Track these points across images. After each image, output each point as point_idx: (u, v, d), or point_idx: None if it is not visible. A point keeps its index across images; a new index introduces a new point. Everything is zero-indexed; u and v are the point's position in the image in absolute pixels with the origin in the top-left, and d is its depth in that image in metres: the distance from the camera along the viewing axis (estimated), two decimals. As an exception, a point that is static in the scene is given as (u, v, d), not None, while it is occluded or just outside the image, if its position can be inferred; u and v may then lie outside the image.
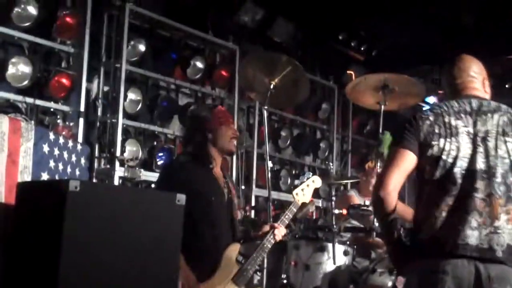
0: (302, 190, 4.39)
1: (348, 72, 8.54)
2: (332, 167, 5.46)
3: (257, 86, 5.20)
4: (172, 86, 7.08)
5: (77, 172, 5.16)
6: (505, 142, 3.12)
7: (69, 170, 5.06)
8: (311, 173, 4.61)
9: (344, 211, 5.16)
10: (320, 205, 8.03)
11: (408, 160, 3.17)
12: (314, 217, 7.60)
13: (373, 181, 5.41)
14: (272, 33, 7.74)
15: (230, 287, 3.92)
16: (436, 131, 3.17)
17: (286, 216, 4.26)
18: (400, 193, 3.20)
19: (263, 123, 5.13)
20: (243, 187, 7.41)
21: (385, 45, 8.62)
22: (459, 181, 3.07)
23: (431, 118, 3.20)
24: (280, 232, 4.18)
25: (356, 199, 5.86)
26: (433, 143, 3.15)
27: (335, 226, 4.96)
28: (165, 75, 6.90)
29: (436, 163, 3.12)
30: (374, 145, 6.22)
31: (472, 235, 3.00)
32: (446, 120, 3.19)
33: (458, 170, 3.08)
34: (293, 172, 8.36)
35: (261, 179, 7.61)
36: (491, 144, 3.11)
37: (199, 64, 7.10)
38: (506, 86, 9.29)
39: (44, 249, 2.53)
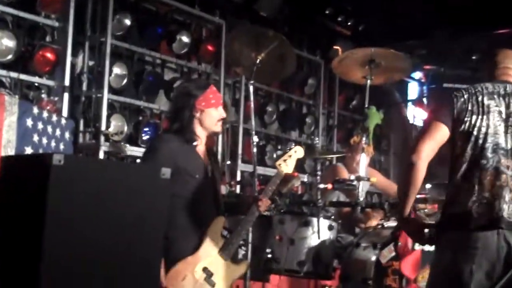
0: (285, 160, 4.38)
1: (334, 47, 8.51)
2: (317, 142, 5.45)
3: (243, 61, 5.19)
4: (158, 61, 7.04)
5: (61, 146, 5.15)
6: None
7: (53, 144, 5.05)
8: (294, 144, 4.63)
9: (330, 186, 5.18)
10: (306, 180, 8.05)
11: (441, 133, 3.35)
12: (300, 192, 7.67)
13: (358, 156, 5.43)
14: (259, 8, 7.69)
15: (216, 260, 3.94)
16: (469, 108, 3.34)
17: (270, 188, 4.27)
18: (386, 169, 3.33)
19: (249, 98, 5.12)
20: (228, 162, 7.40)
21: (371, 20, 8.60)
22: (490, 156, 3.28)
23: (465, 96, 3.37)
24: (264, 203, 4.21)
25: (345, 171, 5.87)
26: (466, 119, 3.33)
27: (320, 201, 4.97)
28: (151, 50, 6.85)
29: (467, 139, 3.32)
30: (359, 120, 6.21)
31: (505, 209, 3.20)
32: (480, 99, 3.37)
33: (490, 146, 3.30)
34: (279, 147, 8.35)
35: (247, 154, 7.61)
36: None
37: (185, 39, 7.05)
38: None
39: (27, 223, 2.52)
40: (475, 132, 3.31)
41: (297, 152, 4.44)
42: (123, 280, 2.67)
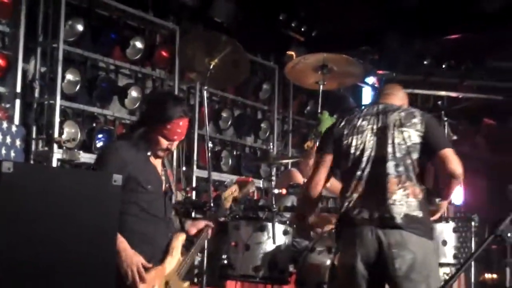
0: (228, 195, 4.49)
1: (288, 52, 8.56)
2: (272, 147, 5.47)
3: (197, 66, 5.18)
4: (112, 67, 6.99)
5: (12, 154, 5.08)
6: (402, 132, 3.88)
7: (3, 151, 4.99)
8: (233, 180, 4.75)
9: (284, 191, 5.20)
10: (261, 185, 8.06)
11: (326, 159, 4.09)
12: (255, 197, 7.67)
13: (312, 161, 5.46)
14: (213, 13, 7.69)
15: (175, 277, 3.91)
16: (345, 132, 4.01)
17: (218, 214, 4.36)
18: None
19: (204, 104, 5.11)
20: (184, 168, 7.38)
21: (325, 26, 8.67)
22: (363, 166, 3.89)
23: (343, 123, 4.07)
24: (210, 232, 4.34)
25: (300, 176, 5.89)
26: (344, 141, 4.00)
27: (275, 206, 4.99)
28: (104, 56, 6.80)
29: (347, 156, 3.96)
30: (314, 125, 6.26)
31: (374, 207, 3.78)
32: (354, 122, 4.03)
33: (364, 159, 3.90)
34: (234, 152, 8.37)
35: (202, 160, 7.60)
36: (389, 134, 3.89)
37: (139, 44, 7.02)
38: (443, 65, 9.46)
39: (-24, 232, 2.48)
40: (352, 150, 3.95)
41: (236, 191, 4.54)
42: (77, 285, 2.64)
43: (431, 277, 3.75)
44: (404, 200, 3.77)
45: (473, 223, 6.13)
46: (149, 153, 3.93)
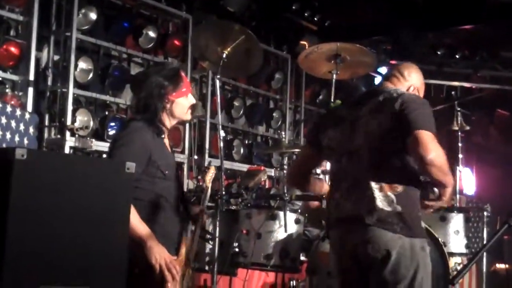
0: (210, 178, 4.42)
1: (301, 42, 8.55)
2: (284, 136, 5.47)
3: (209, 56, 5.18)
4: (124, 56, 7.00)
5: (25, 141, 5.10)
6: (374, 118, 3.47)
7: (17, 139, 5.01)
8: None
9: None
10: (273, 174, 8.07)
11: (306, 150, 3.94)
12: (267, 186, 7.69)
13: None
14: (226, 3, 7.69)
15: (186, 266, 3.91)
16: (326, 122, 3.75)
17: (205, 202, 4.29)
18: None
19: (216, 93, 5.11)
20: (196, 156, 7.40)
21: (338, 15, 8.64)
22: (339, 160, 3.59)
23: (326, 111, 3.90)
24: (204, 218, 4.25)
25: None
26: (324, 133, 3.69)
27: (286, 195, 5.00)
28: (117, 44, 6.80)
29: (327, 151, 3.68)
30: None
31: (347, 206, 3.49)
32: (337, 112, 3.79)
33: (339, 152, 3.59)
34: (246, 142, 8.37)
35: (214, 149, 7.61)
36: (363, 122, 3.50)
37: (152, 33, 7.02)
38: (456, 56, 9.42)
39: (-10, 218, 2.50)
40: (331, 144, 3.64)
41: (214, 172, 4.49)
42: (89, 274, 2.66)
43: (409, 278, 3.36)
44: (377, 194, 3.40)
45: (485, 213, 6.13)
46: (163, 136, 3.91)
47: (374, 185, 3.41)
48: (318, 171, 5.18)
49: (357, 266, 3.48)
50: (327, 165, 4.96)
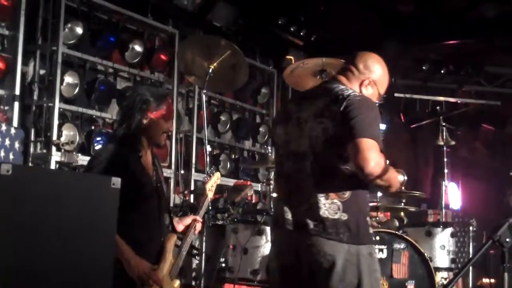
0: (212, 186, 4.41)
1: (287, 57, 8.58)
2: (270, 151, 5.48)
3: (196, 70, 5.20)
4: (110, 70, 6.99)
5: (11, 156, 5.08)
6: (319, 123, 3.26)
7: (2, 154, 4.99)
8: (214, 168, 4.67)
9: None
10: (259, 189, 8.07)
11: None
12: (254, 201, 7.68)
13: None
14: (212, 17, 7.71)
15: (167, 279, 3.88)
16: (277, 119, 3.61)
17: (202, 211, 4.27)
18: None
19: (202, 108, 5.12)
20: (182, 171, 7.38)
21: (324, 30, 8.69)
22: (284, 162, 3.39)
23: (280, 109, 3.50)
24: (199, 226, 4.22)
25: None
26: (275, 130, 3.51)
27: (273, 210, 4.99)
28: (103, 59, 6.80)
29: (276, 148, 3.49)
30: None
31: (290, 211, 3.31)
32: (287, 107, 3.55)
33: (285, 153, 3.39)
34: (233, 156, 8.37)
35: (200, 164, 7.60)
36: (308, 125, 3.31)
37: (138, 48, 7.03)
38: (442, 71, 9.48)
39: (-25, 234, 2.48)
40: (278, 141, 3.46)
41: (219, 178, 4.47)
42: (74, 290, 2.65)
43: (356, 285, 3.23)
44: (322, 202, 3.24)
45: (471, 228, 6.15)
46: (140, 154, 3.90)
47: (319, 193, 3.25)
48: None
49: (300, 271, 3.33)
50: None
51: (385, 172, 3.21)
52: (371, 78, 3.47)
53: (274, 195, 4.00)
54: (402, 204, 6.23)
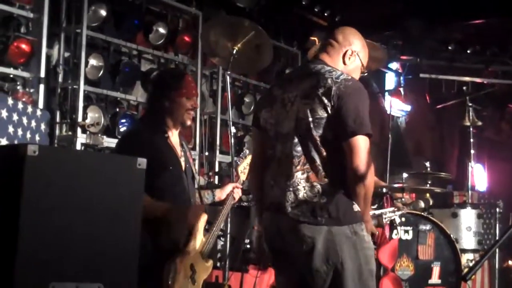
0: (245, 168, 4.43)
1: (311, 38, 8.52)
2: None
3: (220, 52, 5.17)
4: (134, 52, 6.99)
5: (37, 138, 5.12)
6: (305, 104, 3.25)
7: (28, 135, 5.02)
8: (248, 151, 4.67)
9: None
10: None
11: (256, 135, 3.57)
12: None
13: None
14: (236, -1, 7.69)
15: (198, 258, 3.91)
16: (262, 102, 3.57)
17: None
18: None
19: (226, 89, 5.11)
20: (206, 153, 7.39)
21: (348, 10, 8.62)
22: (274, 145, 3.37)
23: (266, 92, 3.59)
24: (239, 192, 4.34)
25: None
26: (260, 114, 3.48)
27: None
28: (127, 41, 6.80)
29: (263, 133, 3.44)
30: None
31: (272, 194, 3.33)
32: (271, 90, 3.53)
33: (272, 135, 3.38)
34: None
35: (224, 145, 7.60)
36: (294, 106, 3.29)
37: (162, 30, 7.02)
38: (468, 51, 9.38)
39: (1, 215, 2.50)
40: (266, 125, 3.42)
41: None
42: (100, 270, 2.66)
43: (341, 264, 3.20)
44: (302, 185, 3.22)
45: (497, 209, 6.10)
46: (166, 135, 3.95)
47: (300, 175, 3.23)
48: None
49: (286, 253, 3.33)
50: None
51: (371, 184, 3.25)
52: (352, 48, 3.46)
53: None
54: (428, 185, 6.18)
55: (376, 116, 9.43)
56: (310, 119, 3.21)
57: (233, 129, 4.98)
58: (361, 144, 3.17)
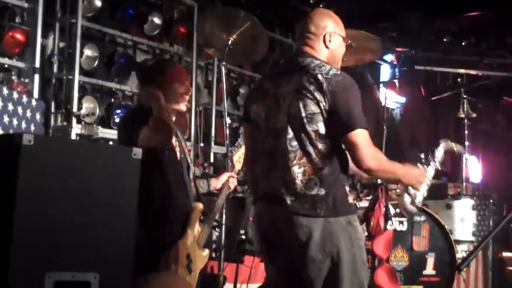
0: (240, 157, 4.44)
1: (307, 29, 8.50)
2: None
3: (215, 43, 5.18)
4: (130, 43, 6.99)
5: (32, 128, 5.11)
6: (298, 99, 3.28)
7: (23, 125, 5.01)
8: (242, 141, 4.67)
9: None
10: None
11: (247, 129, 3.62)
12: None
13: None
14: (231, -11, 7.66)
15: (194, 247, 3.90)
16: (254, 96, 3.58)
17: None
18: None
19: (222, 80, 5.11)
20: (201, 144, 7.39)
21: (343, 2, 8.60)
22: (264, 138, 3.41)
23: (256, 85, 3.61)
24: (234, 182, 4.34)
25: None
26: (250, 108, 3.51)
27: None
28: (122, 31, 6.79)
29: (255, 126, 3.46)
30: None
31: (268, 187, 3.35)
32: (262, 83, 3.59)
33: (263, 129, 3.41)
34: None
35: (220, 137, 7.61)
36: (287, 102, 3.32)
37: (157, 20, 7.01)
38: (463, 43, 9.38)
39: (-2, 203, 2.50)
40: (257, 119, 3.44)
41: None
42: (96, 260, 2.67)
43: (337, 253, 3.24)
44: (299, 179, 3.27)
45: (491, 201, 6.12)
46: None
47: (297, 169, 3.27)
48: None
49: (280, 245, 3.38)
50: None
51: (384, 166, 3.32)
52: (327, 31, 3.52)
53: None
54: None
55: (371, 108, 9.45)
56: (303, 114, 3.26)
57: (228, 120, 4.99)
58: (359, 138, 3.22)
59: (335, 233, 3.25)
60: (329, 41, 3.52)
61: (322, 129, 3.26)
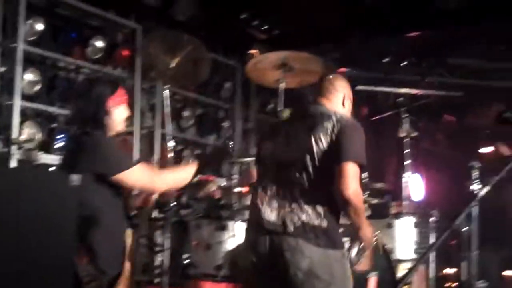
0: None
1: (250, 51, 8.56)
2: (232, 144, 5.48)
3: (158, 66, 5.19)
4: (72, 66, 6.92)
5: (-30, 155, 5.01)
6: (310, 136, 3.60)
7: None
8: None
9: (246, 189, 5.22)
10: (223, 184, 8.04)
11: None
12: (217, 196, 7.66)
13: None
14: (175, 12, 7.67)
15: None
16: (264, 136, 3.95)
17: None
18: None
19: (165, 103, 5.10)
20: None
21: (287, 24, 8.69)
22: (270, 172, 3.72)
23: (266, 129, 4.12)
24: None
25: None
26: (261, 146, 3.89)
27: (236, 204, 5.01)
28: (64, 55, 6.73)
29: (263, 161, 3.82)
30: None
31: (272, 215, 3.58)
32: (274, 126, 4.02)
33: (271, 163, 3.73)
34: (196, 152, 8.34)
35: (163, 160, 7.56)
36: (299, 139, 3.64)
37: (100, 44, 6.97)
38: (404, 63, 9.53)
39: None
40: (266, 154, 3.80)
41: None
42: (34, 286, 2.63)
43: (330, 282, 3.52)
44: (305, 209, 3.55)
45: (433, 219, 6.21)
46: None
47: (303, 200, 3.55)
48: None
49: (275, 271, 3.57)
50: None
51: (360, 205, 3.55)
52: (346, 93, 3.93)
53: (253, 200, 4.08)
54: (366, 196, 6.26)
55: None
56: (315, 149, 3.56)
57: (172, 143, 4.98)
58: (350, 170, 3.49)
59: (332, 264, 3.55)
60: (346, 101, 3.92)
61: (327, 164, 3.54)
